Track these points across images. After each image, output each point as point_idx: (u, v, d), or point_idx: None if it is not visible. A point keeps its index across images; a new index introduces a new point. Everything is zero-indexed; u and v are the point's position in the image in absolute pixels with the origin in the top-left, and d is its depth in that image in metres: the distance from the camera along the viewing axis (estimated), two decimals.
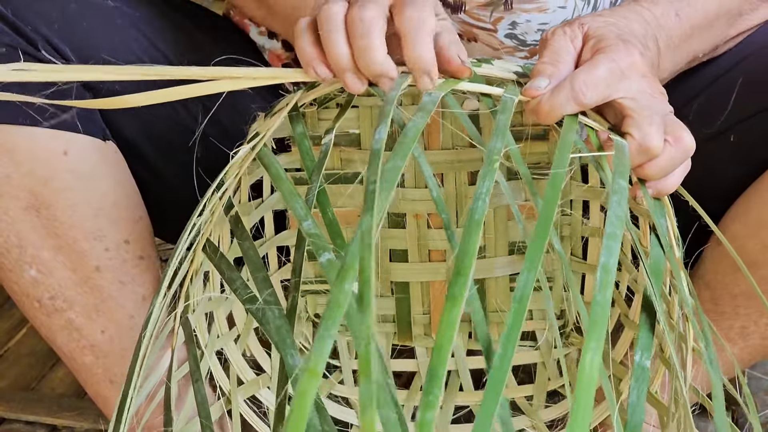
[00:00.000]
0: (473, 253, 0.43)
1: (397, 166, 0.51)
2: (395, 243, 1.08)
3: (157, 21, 0.90)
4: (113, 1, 0.86)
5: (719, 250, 0.93)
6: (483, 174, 0.50)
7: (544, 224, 0.47)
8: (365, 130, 1.02)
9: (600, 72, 0.67)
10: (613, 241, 0.48)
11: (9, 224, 0.82)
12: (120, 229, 0.86)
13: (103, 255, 0.85)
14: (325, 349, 0.38)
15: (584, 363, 0.39)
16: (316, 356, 0.38)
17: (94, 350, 0.88)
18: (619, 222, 0.50)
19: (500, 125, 0.58)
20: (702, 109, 0.91)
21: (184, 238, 0.71)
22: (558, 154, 0.55)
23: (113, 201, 0.85)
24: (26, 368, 1.32)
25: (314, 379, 0.37)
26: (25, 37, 0.79)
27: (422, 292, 1.10)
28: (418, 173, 1.04)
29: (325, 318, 0.40)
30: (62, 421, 1.20)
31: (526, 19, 0.90)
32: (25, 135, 0.79)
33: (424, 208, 1.05)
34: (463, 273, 0.41)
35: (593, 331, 0.40)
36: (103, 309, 0.87)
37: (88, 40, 0.83)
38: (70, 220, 0.83)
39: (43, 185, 0.81)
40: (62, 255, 0.84)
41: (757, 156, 0.88)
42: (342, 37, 0.66)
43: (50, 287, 0.85)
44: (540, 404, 1.04)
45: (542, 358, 1.08)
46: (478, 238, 0.44)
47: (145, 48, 0.88)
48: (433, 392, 0.37)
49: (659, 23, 0.80)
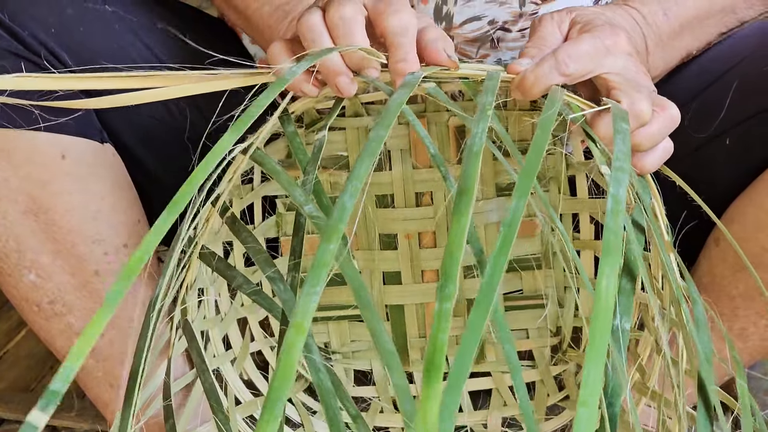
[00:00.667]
0: (475, 176, 0.45)
1: (380, 135, 0.53)
2: (388, 265, 1.08)
3: (154, 26, 0.92)
4: (110, 6, 0.88)
5: (716, 252, 0.93)
6: (477, 119, 0.52)
7: (536, 156, 0.48)
8: (353, 153, 1.04)
9: (584, 46, 0.68)
10: (621, 172, 0.51)
11: (7, 228, 0.82)
12: (119, 233, 0.86)
13: (102, 259, 0.85)
14: (311, 305, 0.40)
15: (600, 288, 0.40)
16: (302, 311, 0.40)
17: (93, 354, 0.88)
18: (625, 157, 0.52)
19: (488, 88, 0.59)
20: (698, 113, 0.92)
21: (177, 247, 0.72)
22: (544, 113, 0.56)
23: (111, 204, 0.86)
24: (25, 370, 1.31)
25: (300, 333, 0.39)
26: (22, 42, 0.80)
27: (417, 315, 1.10)
28: (407, 192, 1.05)
29: (311, 276, 0.42)
30: (61, 422, 1.19)
31: (511, 56, 0.92)
32: (24, 138, 0.80)
33: (415, 227, 1.06)
34: (467, 192, 0.43)
35: (606, 256, 0.42)
36: None
37: (85, 45, 0.84)
38: (69, 224, 0.83)
39: (41, 189, 0.82)
40: (61, 259, 0.84)
41: (754, 158, 0.89)
42: (329, 42, 0.68)
43: (49, 291, 0.85)
44: (540, 419, 1.04)
45: (541, 376, 1.08)
46: (478, 166, 0.46)
47: (142, 53, 0.89)
48: (448, 287, 0.39)
49: (647, 21, 0.83)
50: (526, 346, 1.10)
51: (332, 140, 1.03)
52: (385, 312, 1.10)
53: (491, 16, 0.89)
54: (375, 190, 1.05)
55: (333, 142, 1.03)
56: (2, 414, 1.22)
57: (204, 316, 0.90)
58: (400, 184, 1.05)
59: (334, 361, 1.11)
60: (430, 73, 0.68)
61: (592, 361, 0.38)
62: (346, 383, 1.10)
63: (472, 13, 0.89)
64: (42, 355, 1.32)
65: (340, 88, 0.69)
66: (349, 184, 0.49)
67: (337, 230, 0.45)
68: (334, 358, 1.12)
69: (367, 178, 0.50)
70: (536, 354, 1.10)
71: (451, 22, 0.89)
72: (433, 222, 1.06)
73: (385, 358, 0.51)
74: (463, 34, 0.90)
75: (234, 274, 0.71)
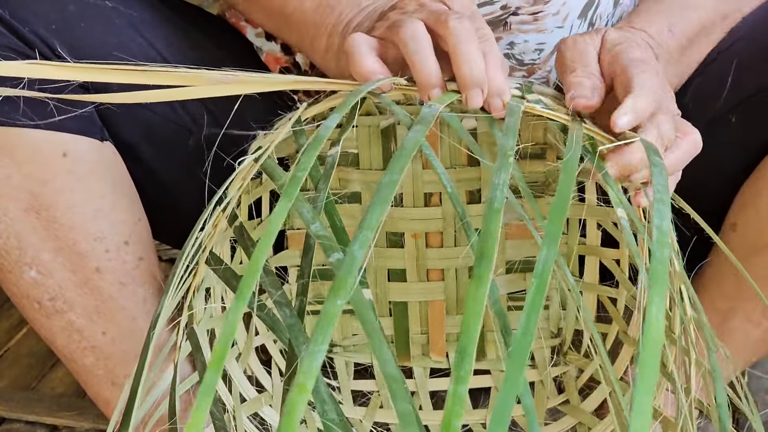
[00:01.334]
0: (495, 236, 0.43)
1: (393, 180, 0.51)
2: (393, 263, 1.08)
3: (155, 22, 0.91)
4: (111, 2, 0.87)
5: (733, 237, 0.92)
6: (498, 167, 0.50)
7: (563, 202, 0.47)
8: (364, 149, 1.03)
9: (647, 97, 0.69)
10: (663, 204, 0.48)
11: (9, 225, 0.82)
12: (120, 231, 0.86)
13: (103, 256, 0.85)
14: (315, 365, 0.39)
15: (650, 317, 0.38)
16: (306, 372, 0.38)
17: (95, 351, 0.88)
18: (664, 189, 0.50)
19: (510, 126, 0.59)
20: (699, 94, 0.91)
21: (186, 251, 0.71)
22: (566, 155, 0.55)
23: (112, 202, 0.85)
24: (26, 368, 1.31)
25: (304, 393, 0.37)
26: (23, 38, 0.80)
27: (420, 312, 1.11)
28: (416, 192, 1.05)
29: (317, 333, 0.40)
30: (62, 421, 1.20)
31: (524, 39, 0.91)
32: (25, 136, 0.79)
33: (422, 227, 1.06)
34: (487, 255, 0.41)
35: (655, 285, 0.41)
36: (104, 310, 0.86)
37: (86, 41, 0.83)
38: (70, 222, 0.83)
39: (42, 186, 0.81)
40: (62, 256, 0.84)
41: (760, 137, 0.89)
42: (432, 56, 0.68)
43: (50, 288, 0.85)
44: (540, 422, 1.04)
45: (540, 377, 1.09)
46: (498, 224, 0.44)
47: (143, 49, 0.88)
48: (464, 367, 0.37)
49: (656, 42, 0.82)
50: None
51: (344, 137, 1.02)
52: (389, 308, 1.10)
53: (504, 1, 0.88)
54: None
55: (344, 139, 1.02)
56: (3, 412, 1.22)
57: (211, 315, 0.90)
58: (410, 184, 1.04)
59: (335, 354, 1.12)
60: (447, 101, 0.66)
61: (642, 393, 0.36)
62: (346, 377, 1.10)
63: None
64: (43, 353, 1.31)
65: (430, 96, 0.69)
66: (359, 234, 0.46)
67: (346, 284, 0.42)
68: (335, 351, 1.12)
69: (378, 226, 0.47)
70: (536, 355, 1.10)
71: None
72: (440, 222, 1.06)
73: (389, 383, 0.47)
74: None
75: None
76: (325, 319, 0.41)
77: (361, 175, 1.04)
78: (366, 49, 0.70)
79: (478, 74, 0.67)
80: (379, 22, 0.73)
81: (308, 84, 0.73)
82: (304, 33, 0.79)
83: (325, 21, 0.78)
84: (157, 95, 0.70)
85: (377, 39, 0.71)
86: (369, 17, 0.76)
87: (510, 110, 0.64)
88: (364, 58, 0.69)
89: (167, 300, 0.69)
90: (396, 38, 0.69)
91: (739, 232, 0.92)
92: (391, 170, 0.52)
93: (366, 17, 0.76)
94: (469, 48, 0.66)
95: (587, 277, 1.07)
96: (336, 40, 0.78)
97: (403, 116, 0.67)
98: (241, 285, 0.42)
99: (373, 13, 0.76)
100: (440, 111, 0.63)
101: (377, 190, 0.50)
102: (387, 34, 0.70)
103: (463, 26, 0.67)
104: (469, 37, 0.67)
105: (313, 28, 0.79)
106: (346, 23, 0.77)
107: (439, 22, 0.68)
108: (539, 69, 0.94)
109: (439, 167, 0.62)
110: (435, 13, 0.69)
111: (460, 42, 0.67)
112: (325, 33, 0.78)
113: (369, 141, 1.03)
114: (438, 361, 1.12)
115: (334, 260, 0.52)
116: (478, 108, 0.69)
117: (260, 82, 0.70)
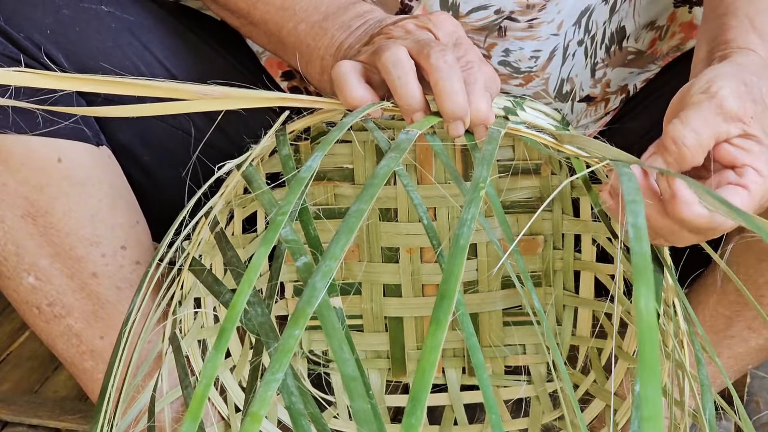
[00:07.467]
0: (457, 276, 0.42)
1: (361, 209, 0.50)
2: (389, 278, 1.08)
3: (152, 26, 0.91)
4: (107, 6, 0.87)
5: (740, 241, 0.91)
6: (468, 201, 0.50)
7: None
8: (358, 164, 1.04)
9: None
10: (635, 204, 0.46)
11: (6, 232, 0.82)
12: (116, 235, 0.86)
13: (100, 261, 0.85)
14: (269, 394, 0.39)
15: (640, 308, 0.37)
16: (260, 402, 0.38)
17: (93, 355, 0.88)
18: (636, 191, 0.49)
19: (486, 155, 0.58)
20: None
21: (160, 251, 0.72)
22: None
23: (109, 206, 0.86)
24: (29, 371, 1.31)
25: (256, 423, 0.38)
26: (16, 44, 0.80)
27: (416, 327, 1.11)
28: (411, 207, 1.05)
29: (273, 362, 0.40)
30: (65, 425, 1.20)
31: (519, 46, 0.91)
32: (20, 143, 0.80)
33: (417, 242, 1.06)
34: (448, 296, 0.40)
35: (640, 278, 0.39)
36: (102, 315, 0.87)
37: (80, 45, 0.84)
38: (66, 227, 0.83)
39: (38, 192, 0.82)
40: (59, 262, 0.84)
41: None
42: (415, 82, 0.69)
43: (48, 294, 0.85)
44: None
45: (536, 392, 1.09)
46: (463, 263, 0.44)
47: (139, 53, 0.89)
48: (416, 414, 0.36)
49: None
50: (522, 362, 1.11)
51: (338, 152, 1.04)
52: (384, 323, 1.10)
53: (497, 6, 0.89)
54: (379, 204, 1.05)
55: (339, 154, 1.04)
56: (6, 416, 1.22)
57: (201, 326, 0.91)
58: (405, 199, 1.05)
59: (331, 370, 1.12)
60: (426, 126, 0.66)
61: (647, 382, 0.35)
62: (342, 392, 1.10)
63: (478, 3, 0.88)
64: (45, 357, 1.32)
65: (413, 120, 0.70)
66: (322, 264, 0.46)
67: (305, 315, 0.42)
68: (331, 366, 1.12)
69: (342, 255, 0.47)
70: (532, 370, 1.10)
71: (457, 12, 0.88)
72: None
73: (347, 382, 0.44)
74: (469, 23, 0.89)
75: (221, 290, 0.72)
76: (282, 350, 0.41)
77: (356, 190, 1.05)
78: (353, 77, 0.70)
79: (460, 108, 0.68)
80: (366, 47, 0.74)
81: (295, 102, 0.73)
82: (300, 55, 0.80)
83: (318, 44, 0.79)
84: (139, 110, 0.71)
85: (363, 63, 0.72)
86: (359, 39, 0.77)
87: (489, 137, 0.65)
88: (352, 89, 0.70)
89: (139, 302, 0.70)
90: (379, 64, 0.69)
91: (748, 238, 0.91)
92: (360, 199, 0.51)
93: (357, 39, 0.77)
94: (450, 84, 0.67)
95: (583, 292, 1.07)
96: (329, 63, 0.78)
97: (383, 142, 0.68)
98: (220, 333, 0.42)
99: (363, 36, 0.77)
100: (416, 136, 0.63)
101: (344, 218, 0.49)
102: (371, 60, 0.71)
103: (445, 60, 0.68)
104: (450, 71, 0.67)
105: (306, 50, 0.80)
106: (337, 46, 0.78)
107: (422, 55, 0.69)
108: (536, 77, 0.95)
109: (415, 197, 0.63)
110: (419, 43, 0.70)
111: (442, 78, 0.67)
112: (318, 56, 0.79)
113: (364, 156, 1.03)
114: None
115: (301, 264, 0.52)
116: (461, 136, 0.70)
117: (245, 97, 0.70)
